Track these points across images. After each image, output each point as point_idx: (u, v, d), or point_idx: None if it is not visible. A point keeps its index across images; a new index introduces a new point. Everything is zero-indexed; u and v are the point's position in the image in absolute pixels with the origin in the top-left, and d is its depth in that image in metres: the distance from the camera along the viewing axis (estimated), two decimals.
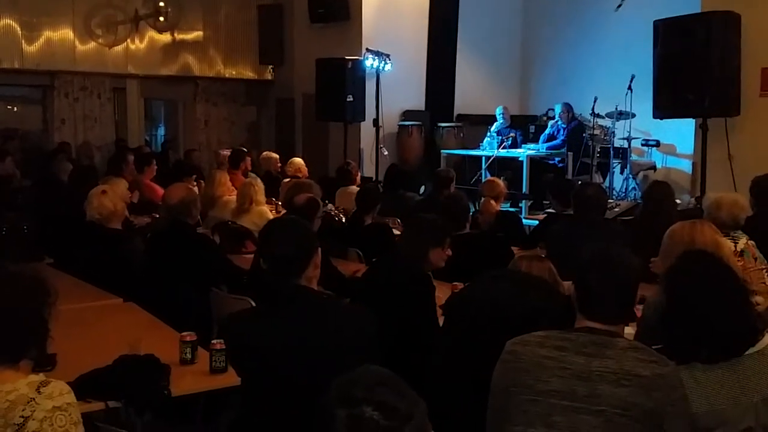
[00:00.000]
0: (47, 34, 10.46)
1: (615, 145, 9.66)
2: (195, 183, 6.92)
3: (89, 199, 4.76)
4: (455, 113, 11.13)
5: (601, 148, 9.76)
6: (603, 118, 9.81)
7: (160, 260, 4.49)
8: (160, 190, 6.57)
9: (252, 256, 4.54)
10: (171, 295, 4.19)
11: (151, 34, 11.13)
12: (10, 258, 4.24)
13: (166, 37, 11.26)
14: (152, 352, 3.00)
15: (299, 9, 11.02)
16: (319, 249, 2.66)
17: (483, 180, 7.82)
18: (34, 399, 1.97)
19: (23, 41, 10.29)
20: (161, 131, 13.65)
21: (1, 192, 6.80)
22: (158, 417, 2.97)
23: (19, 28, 10.25)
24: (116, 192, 5.00)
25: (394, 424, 1.38)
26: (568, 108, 9.93)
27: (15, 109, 13.77)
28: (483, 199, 6.10)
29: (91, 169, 7.17)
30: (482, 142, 10.12)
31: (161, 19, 10.69)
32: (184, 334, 3.18)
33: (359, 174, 7.92)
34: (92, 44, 10.74)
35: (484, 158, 9.69)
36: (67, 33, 10.58)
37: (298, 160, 8.24)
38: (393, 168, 7.88)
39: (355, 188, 6.96)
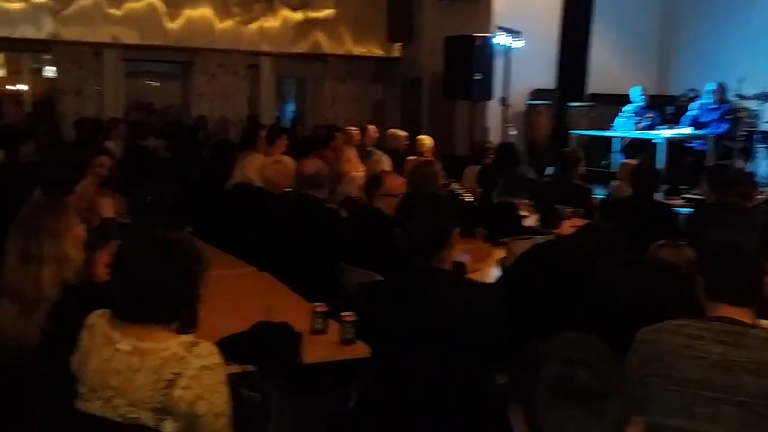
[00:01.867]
0: (188, 12, 10.92)
1: (761, 128, 9.09)
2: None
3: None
4: (587, 92, 10.77)
5: (746, 131, 9.20)
6: (750, 99, 9.23)
7: (290, 232, 4.63)
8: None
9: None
10: (300, 265, 4.33)
11: (285, 12, 11.40)
12: (156, 226, 4.52)
13: (298, 15, 11.49)
14: (285, 321, 3.10)
15: None
16: (457, 228, 2.64)
17: (612, 163, 7.58)
18: (184, 357, 2.06)
19: (166, 18, 10.80)
20: (290, 108, 14.03)
21: (145, 163, 7.19)
22: (289, 383, 3.08)
23: (162, 7, 10.75)
24: (253, 165, 5.18)
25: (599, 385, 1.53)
26: (721, 89, 9.38)
27: (157, 84, 14.57)
28: (617, 182, 5.88)
29: (230, 143, 7.45)
30: (614, 122, 9.76)
31: None
32: (316, 304, 3.27)
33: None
34: (229, 22, 11.12)
35: (616, 140, 9.34)
36: (206, 11, 11.00)
37: (427, 139, 8.23)
38: (506, 146, 7.73)
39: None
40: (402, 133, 8.67)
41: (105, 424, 2.06)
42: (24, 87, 12.14)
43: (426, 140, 8.14)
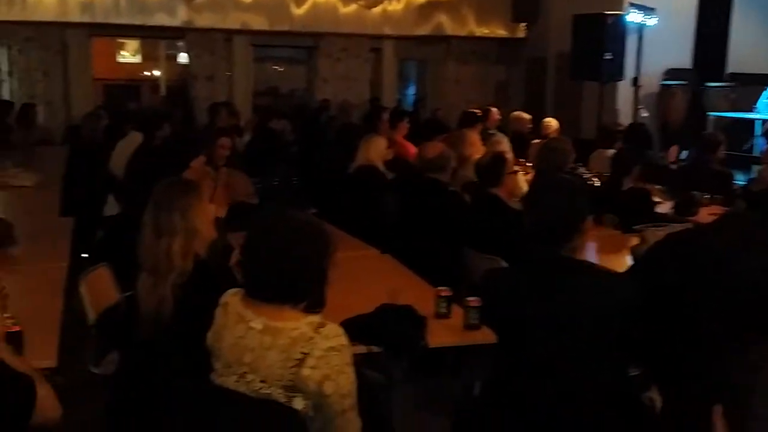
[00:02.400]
0: None
1: None
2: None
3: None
4: (726, 71, 10.13)
5: None
6: None
7: (412, 214, 4.62)
8: (412, 148, 6.74)
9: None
10: (423, 249, 4.30)
11: None
12: (282, 207, 4.63)
13: None
14: (409, 304, 3.09)
15: None
16: (589, 216, 2.53)
17: (754, 147, 7.08)
18: (312, 338, 2.09)
19: (292, 5, 11.01)
20: (411, 90, 14.01)
21: (273, 146, 7.37)
22: (413, 366, 3.07)
23: None
24: (376, 148, 5.20)
25: None
26: None
27: (281, 69, 14.94)
28: (763, 166, 5.50)
29: (354, 126, 7.51)
30: (756, 104, 9.14)
31: None
32: (440, 288, 3.25)
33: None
34: (353, 6, 11.22)
35: (758, 122, 8.75)
36: None
37: (554, 121, 7.99)
38: (637, 127, 7.36)
39: (611, 152, 6.61)
40: (526, 115, 8.47)
41: (240, 398, 2.12)
42: (159, 73, 12.73)
43: (552, 122, 7.91)
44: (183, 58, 12.40)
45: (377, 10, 11.29)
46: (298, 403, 2.08)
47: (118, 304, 3.36)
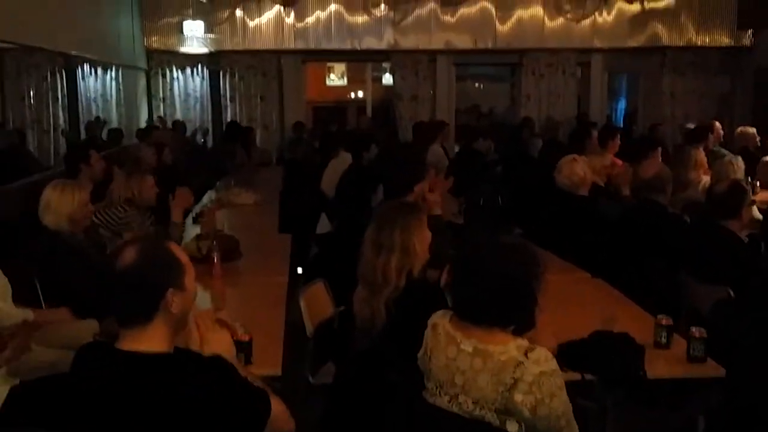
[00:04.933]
0: (519, 13, 11.00)
1: None
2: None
3: (559, 167, 4.88)
4: None
5: None
6: None
7: (629, 238, 4.39)
8: (624, 166, 6.42)
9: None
10: (638, 274, 4.07)
11: (620, 4, 10.94)
12: (488, 227, 4.59)
13: (634, 7, 10.95)
14: (625, 331, 2.93)
15: None
16: None
17: None
18: (522, 363, 2.08)
19: (497, 22, 11.00)
20: (621, 105, 13.44)
21: (476, 166, 7.37)
22: (629, 396, 2.91)
23: (494, 10, 10.97)
24: (585, 160, 5.02)
25: None
26: None
27: (481, 86, 14.98)
28: None
29: (560, 144, 7.32)
30: None
31: None
32: (660, 317, 3.08)
33: None
34: (560, 20, 10.98)
35: None
36: (537, 11, 10.99)
37: None
38: None
39: None
40: (752, 130, 7.81)
41: (455, 419, 2.15)
42: (363, 94, 13.25)
43: None
44: (387, 79, 12.81)
45: (586, 22, 10.96)
46: (512, 426, 2.09)
47: (332, 317, 3.50)
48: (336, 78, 15.16)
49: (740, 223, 4.00)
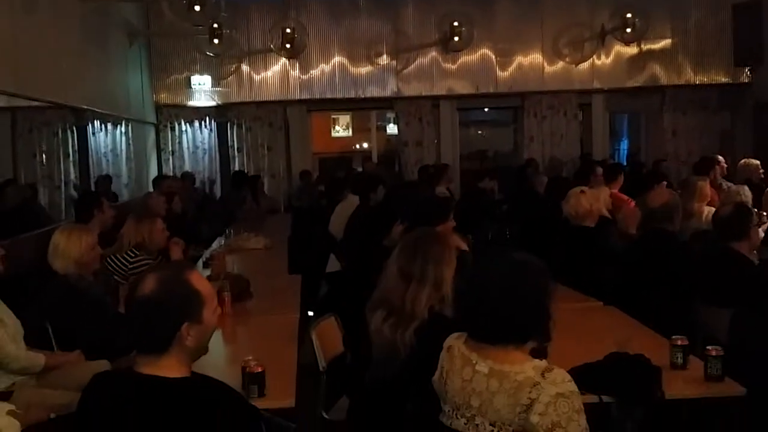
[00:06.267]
0: (519, 59, 11.18)
1: None
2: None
3: (567, 197, 4.93)
4: None
5: None
6: None
7: (638, 264, 4.39)
8: (630, 201, 6.46)
9: None
10: (650, 301, 4.06)
11: (617, 47, 11.10)
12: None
13: (632, 49, 11.09)
14: (641, 353, 2.92)
15: None
16: None
17: None
18: (539, 383, 2.04)
19: (497, 68, 11.18)
20: (624, 145, 13.52)
21: (482, 204, 7.42)
22: (648, 418, 2.88)
23: (495, 57, 11.16)
24: (594, 193, 5.05)
25: None
26: None
27: (484, 133, 15.14)
28: None
29: (565, 179, 7.37)
30: None
31: (628, 30, 10.56)
32: (675, 338, 3.07)
33: None
34: (560, 64, 11.14)
35: None
36: (536, 56, 11.16)
37: None
38: None
39: None
40: (755, 161, 7.85)
41: None
42: (368, 145, 13.39)
43: None
44: (392, 129, 12.95)
45: (585, 65, 11.12)
46: None
47: (345, 352, 3.50)
48: (341, 129, 15.32)
49: (749, 244, 4.00)
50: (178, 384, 1.95)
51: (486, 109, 13.79)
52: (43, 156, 9.51)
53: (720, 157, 7.95)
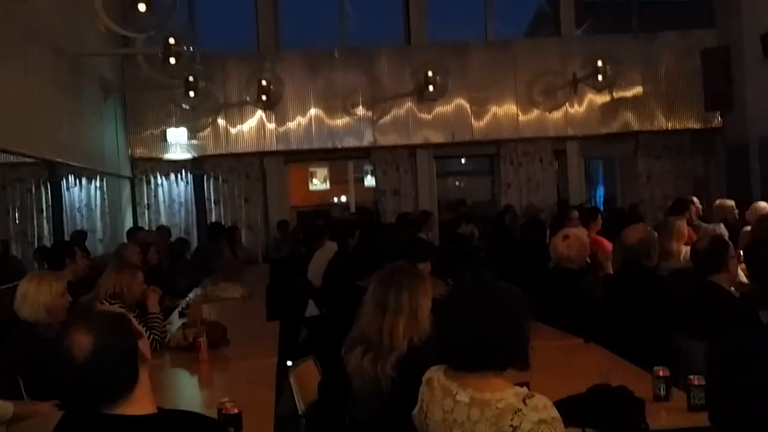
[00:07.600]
0: (494, 109, 11.35)
1: None
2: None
3: (552, 242, 4.94)
4: None
5: None
6: None
7: (618, 298, 4.38)
8: (607, 244, 6.47)
9: None
10: (630, 335, 4.04)
11: (590, 94, 11.32)
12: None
13: (604, 96, 11.33)
14: (623, 385, 2.88)
15: (749, 48, 10.20)
16: None
17: None
18: (521, 410, 2.01)
19: (472, 116, 11.32)
20: (600, 191, 13.66)
21: (461, 248, 7.42)
22: None
23: (468, 107, 11.32)
24: (577, 236, 5.06)
25: None
26: None
27: (461, 183, 15.27)
28: None
29: (540, 222, 7.41)
30: None
31: (599, 78, 10.80)
32: (657, 368, 3.04)
33: None
34: (534, 111, 11.32)
35: None
36: (510, 104, 11.34)
37: (764, 204, 7.37)
38: None
39: None
40: (729, 202, 7.93)
41: None
42: (346, 197, 13.43)
43: (763, 205, 7.29)
44: (369, 181, 13.00)
45: (559, 112, 11.30)
46: None
47: (322, 396, 3.41)
48: (318, 182, 15.34)
49: (729, 276, 4.00)
50: (147, 421, 1.88)
51: (463, 160, 13.92)
52: (17, 212, 9.41)
53: (695, 198, 8.02)
